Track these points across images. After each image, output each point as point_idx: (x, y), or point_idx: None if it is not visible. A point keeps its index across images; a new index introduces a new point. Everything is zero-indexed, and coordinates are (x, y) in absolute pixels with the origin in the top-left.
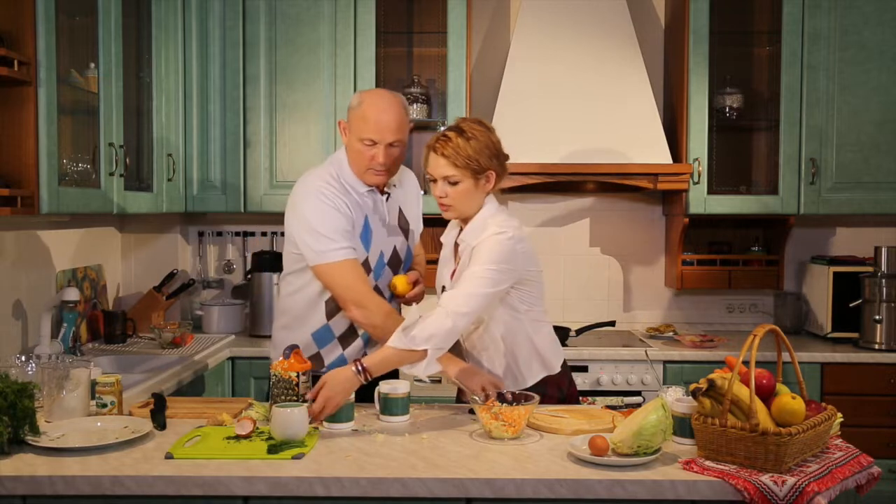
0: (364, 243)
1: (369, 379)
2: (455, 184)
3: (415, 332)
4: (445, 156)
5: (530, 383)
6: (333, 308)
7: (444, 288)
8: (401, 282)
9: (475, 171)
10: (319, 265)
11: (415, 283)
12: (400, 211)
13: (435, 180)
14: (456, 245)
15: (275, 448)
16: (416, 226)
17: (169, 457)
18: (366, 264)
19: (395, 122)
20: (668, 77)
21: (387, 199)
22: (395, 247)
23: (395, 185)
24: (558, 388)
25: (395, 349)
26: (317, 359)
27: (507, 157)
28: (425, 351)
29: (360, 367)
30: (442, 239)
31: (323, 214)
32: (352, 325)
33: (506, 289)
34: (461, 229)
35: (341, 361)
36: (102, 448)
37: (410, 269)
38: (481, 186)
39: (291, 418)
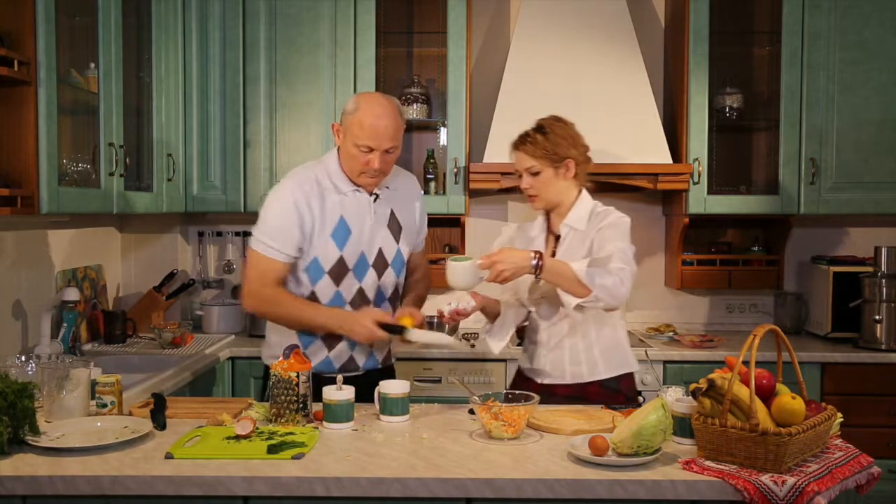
0: (337, 242)
1: (537, 275)
2: (536, 174)
3: (596, 272)
4: (525, 150)
5: (605, 376)
6: None
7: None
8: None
9: (553, 160)
10: (249, 248)
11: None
12: (392, 213)
13: (521, 175)
14: (551, 233)
15: (275, 448)
16: (413, 229)
17: (169, 457)
18: (341, 262)
19: (392, 129)
20: (668, 77)
21: (374, 199)
22: (380, 248)
23: (386, 187)
24: (630, 388)
25: (575, 272)
26: None
27: (587, 147)
28: (590, 291)
29: (537, 261)
30: (532, 233)
31: (277, 209)
32: None
33: None
34: (548, 219)
35: (327, 364)
36: (102, 448)
37: (408, 290)
38: (561, 174)
39: (460, 270)
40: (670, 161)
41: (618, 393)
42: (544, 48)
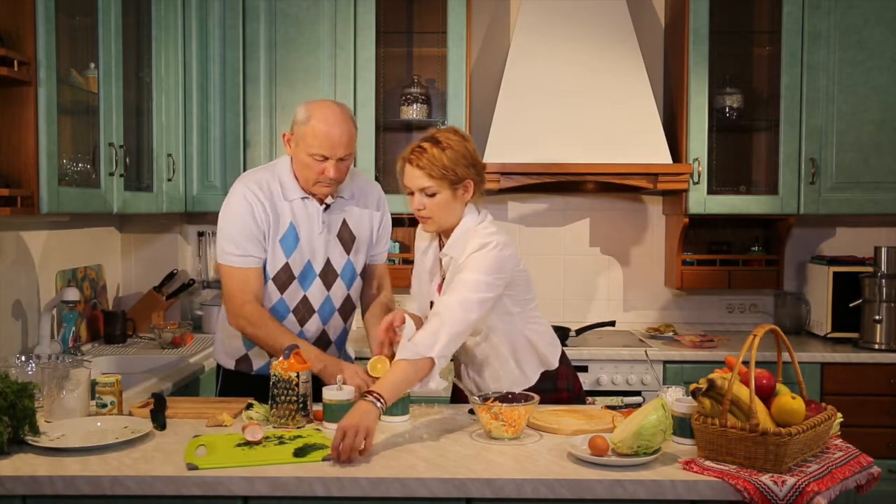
0: (285, 248)
1: (387, 405)
2: (432, 195)
3: (418, 340)
4: (421, 167)
5: (533, 382)
6: None
7: (431, 303)
8: (381, 366)
9: (452, 181)
10: (220, 264)
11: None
12: (344, 223)
13: (412, 192)
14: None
15: (301, 451)
16: (368, 240)
17: (192, 467)
18: (286, 270)
19: (347, 136)
20: (668, 77)
21: (325, 208)
22: (328, 258)
23: (341, 196)
24: (567, 383)
25: (405, 363)
26: (245, 361)
27: (484, 165)
28: (432, 360)
29: (375, 397)
30: (419, 252)
31: (234, 217)
32: None
33: (499, 295)
34: (440, 240)
35: (268, 368)
36: (102, 448)
37: (374, 320)
38: (459, 196)
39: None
40: (670, 161)
41: (554, 391)
42: (544, 48)
